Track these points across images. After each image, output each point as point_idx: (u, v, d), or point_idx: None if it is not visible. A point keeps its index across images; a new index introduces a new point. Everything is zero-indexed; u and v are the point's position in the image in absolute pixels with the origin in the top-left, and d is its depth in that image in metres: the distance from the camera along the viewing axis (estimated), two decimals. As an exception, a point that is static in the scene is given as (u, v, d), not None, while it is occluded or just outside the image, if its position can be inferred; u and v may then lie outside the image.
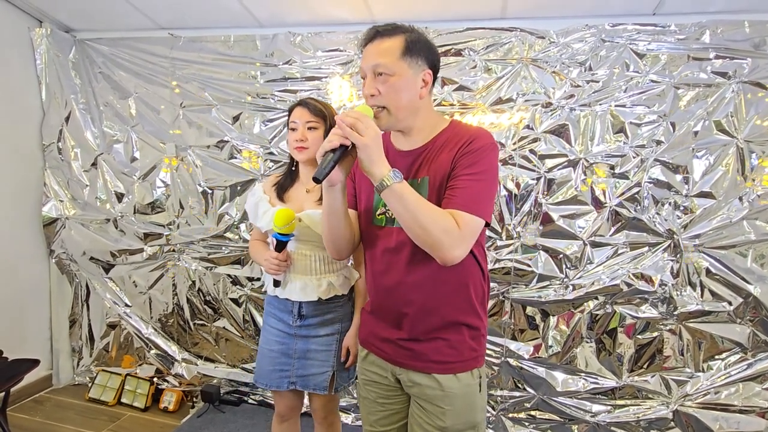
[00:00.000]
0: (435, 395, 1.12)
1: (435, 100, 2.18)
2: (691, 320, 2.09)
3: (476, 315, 1.14)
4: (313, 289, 1.46)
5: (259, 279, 2.49)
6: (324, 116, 1.47)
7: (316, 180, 0.97)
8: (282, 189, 1.53)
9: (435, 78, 1.13)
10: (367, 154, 0.96)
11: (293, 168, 1.57)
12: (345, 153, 1.00)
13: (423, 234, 0.99)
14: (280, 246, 1.41)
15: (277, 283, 1.46)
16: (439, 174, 1.06)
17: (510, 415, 2.26)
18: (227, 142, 2.46)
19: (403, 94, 1.06)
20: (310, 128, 1.45)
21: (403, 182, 0.99)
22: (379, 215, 1.15)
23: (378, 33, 1.07)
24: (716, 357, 2.09)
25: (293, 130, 1.47)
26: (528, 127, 2.15)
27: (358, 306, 1.57)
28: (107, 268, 2.66)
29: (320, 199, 1.46)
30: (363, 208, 1.20)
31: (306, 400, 2.05)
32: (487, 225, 1.07)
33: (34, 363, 2.03)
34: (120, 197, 2.60)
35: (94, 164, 2.60)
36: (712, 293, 2.06)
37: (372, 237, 1.18)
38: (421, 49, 1.07)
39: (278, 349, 1.51)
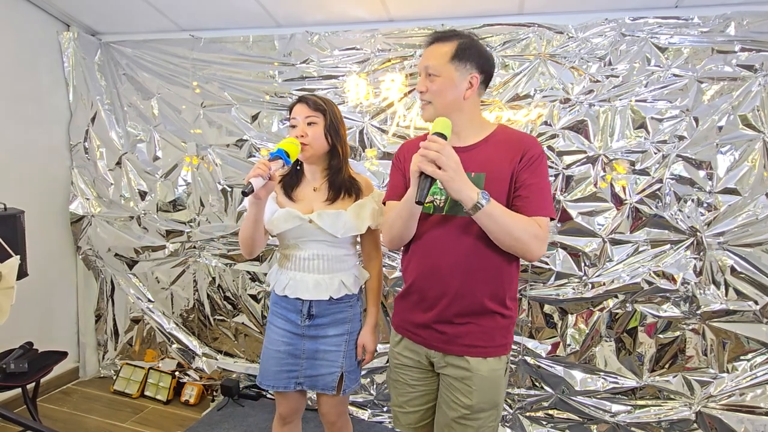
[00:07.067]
0: (464, 375, 1.22)
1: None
2: (715, 319, 2.04)
3: (508, 305, 1.24)
4: (325, 287, 1.44)
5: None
6: (323, 110, 1.43)
7: (420, 203, 1.07)
8: (289, 187, 1.49)
9: (488, 81, 1.24)
10: (454, 186, 1.06)
11: (298, 167, 1.50)
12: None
13: (516, 243, 1.11)
14: (274, 158, 1.30)
15: (248, 192, 1.24)
16: (498, 173, 1.17)
17: (527, 413, 2.24)
18: (246, 140, 2.50)
19: (447, 93, 1.18)
20: (309, 123, 1.41)
21: (492, 201, 1.08)
22: (427, 203, 1.22)
23: (437, 38, 1.21)
24: (741, 357, 2.03)
25: (293, 127, 1.44)
26: (546, 123, 2.13)
27: (371, 304, 1.56)
28: (131, 264, 2.74)
29: (328, 198, 1.46)
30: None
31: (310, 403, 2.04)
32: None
33: (63, 355, 2.11)
34: (143, 195, 2.67)
35: (118, 163, 2.67)
36: (737, 292, 2.01)
37: (418, 223, 1.24)
38: (471, 55, 1.18)
39: (285, 349, 1.48)
